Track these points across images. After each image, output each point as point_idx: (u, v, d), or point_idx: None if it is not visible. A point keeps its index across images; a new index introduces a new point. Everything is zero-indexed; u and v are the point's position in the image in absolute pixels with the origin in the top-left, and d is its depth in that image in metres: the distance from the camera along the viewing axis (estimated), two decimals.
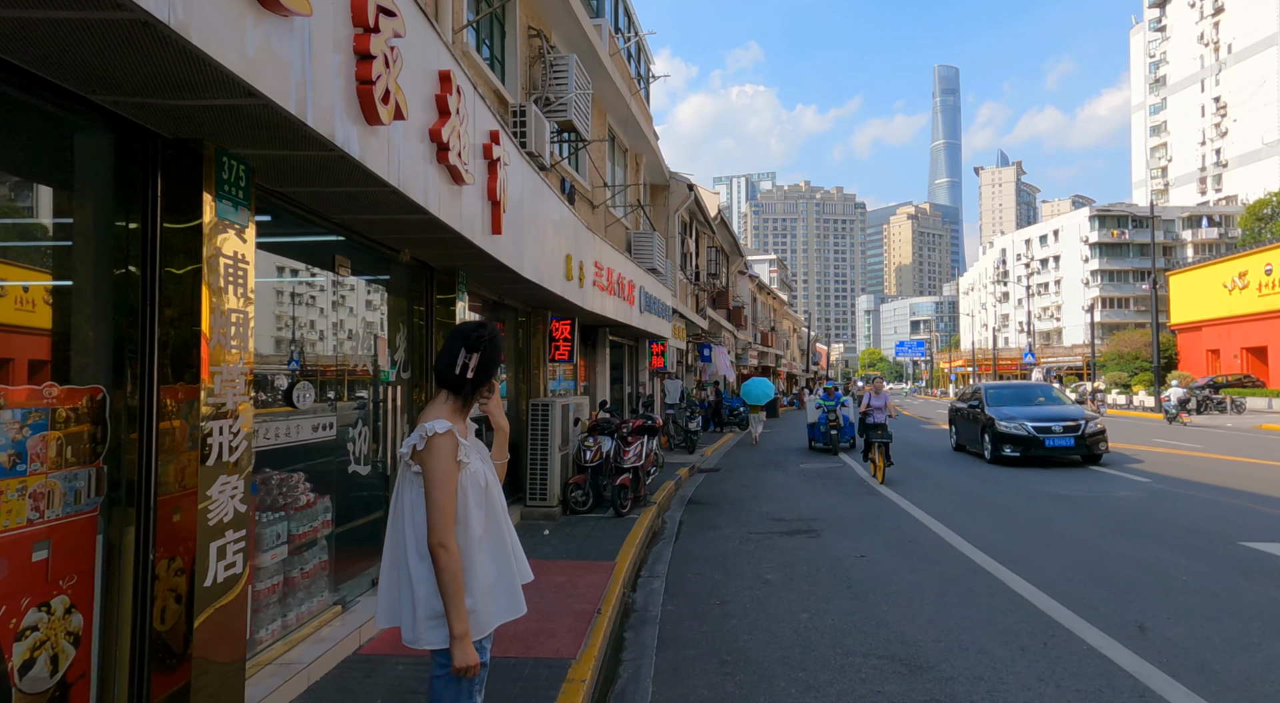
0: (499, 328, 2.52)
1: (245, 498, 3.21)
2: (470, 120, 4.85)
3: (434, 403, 2.43)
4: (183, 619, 2.96)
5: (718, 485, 12.35)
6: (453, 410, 2.39)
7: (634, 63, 16.22)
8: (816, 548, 7.53)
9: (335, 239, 4.85)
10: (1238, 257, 41.36)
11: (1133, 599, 5.58)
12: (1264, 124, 72.03)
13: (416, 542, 2.23)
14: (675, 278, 19.08)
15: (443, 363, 2.42)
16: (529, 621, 4.97)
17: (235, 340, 3.11)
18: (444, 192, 4.43)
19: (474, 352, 2.39)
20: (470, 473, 2.32)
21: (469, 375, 2.38)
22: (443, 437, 2.25)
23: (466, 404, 2.44)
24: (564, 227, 8.16)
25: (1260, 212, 53.59)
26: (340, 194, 3.87)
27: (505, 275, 6.71)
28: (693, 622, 5.34)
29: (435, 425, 2.26)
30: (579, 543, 7.43)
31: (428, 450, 2.24)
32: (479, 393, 2.45)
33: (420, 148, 4.02)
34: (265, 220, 4.06)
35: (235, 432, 3.12)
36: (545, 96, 9.36)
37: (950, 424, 17.84)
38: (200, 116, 2.74)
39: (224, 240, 3.04)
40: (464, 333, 2.43)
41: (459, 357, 2.37)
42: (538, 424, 8.82)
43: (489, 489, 2.38)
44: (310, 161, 3.30)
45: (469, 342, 2.39)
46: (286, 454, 4.20)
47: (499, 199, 5.48)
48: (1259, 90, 72.37)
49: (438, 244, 5.30)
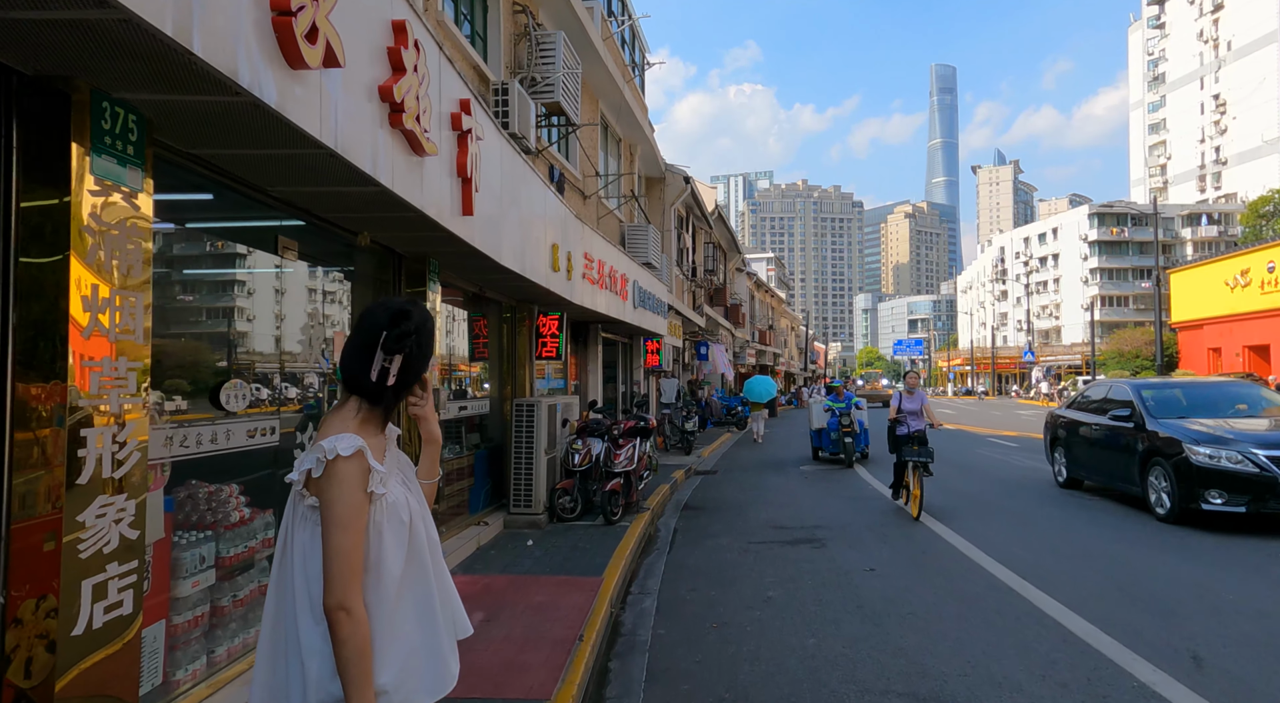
0: (428, 307, 1.87)
1: (140, 522, 2.63)
2: (434, 83, 4.27)
3: (340, 410, 1.79)
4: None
5: (715, 489, 11.79)
6: (365, 422, 1.76)
7: (628, 49, 15.63)
8: (822, 560, 6.96)
9: (280, 218, 4.27)
10: (1239, 254, 40.84)
11: (1180, 624, 5.01)
12: (1264, 121, 71.63)
13: (310, 600, 1.64)
14: (671, 274, 18.51)
15: (352, 364, 1.77)
16: (502, 651, 4.40)
17: (124, 329, 2.54)
18: (400, 162, 3.85)
19: (395, 354, 1.75)
20: (388, 505, 1.72)
21: (389, 382, 1.76)
22: (348, 461, 1.64)
23: (386, 415, 1.83)
24: (550, 214, 7.58)
25: (1262, 209, 53.11)
26: (268, 158, 3.29)
27: (482, 264, 6.13)
28: (687, 649, 4.77)
29: (338, 444, 1.65)
30: (564, 555, 6.85)
31: (327, 478, 1.63)
32: (401, 399, 1.84)
33: (367, 107, 3.44)
34: (196, 194, 3.49)
35: (121, 442, 2.54)
36: (531, 76, 8.78)
37: (1052, 444, 11.59)
38: (52, 41, 2.16)
39: (105, 206, 2.46)
40: (377, 324, 1.77)
41: (375, 360, 1.74)
42: (522, 426, 8.24)
43: (414, 524, 1.78)
44: (218, 112, 2.72)
45: (389, 342, 1.75)
46: (216, 464, 3.62)
47: (470, 176, 4.91)
48: (1259, 87, 71.95)
49: (400, 225, 4.72)
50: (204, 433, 3.48)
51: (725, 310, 29.80)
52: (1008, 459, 15.26)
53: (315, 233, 4.72)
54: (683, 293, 21.26)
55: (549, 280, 7.51)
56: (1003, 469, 13.67)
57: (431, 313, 1.87)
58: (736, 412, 24.60)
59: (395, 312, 1.78)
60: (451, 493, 7.38)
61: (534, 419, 8.24)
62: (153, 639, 3.14)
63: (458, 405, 7.63)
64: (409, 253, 5.76)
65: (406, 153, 3.93)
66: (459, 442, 7.82)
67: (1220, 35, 77.07)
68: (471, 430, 8.22)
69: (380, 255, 5.68)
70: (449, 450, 7.41)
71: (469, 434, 8.14)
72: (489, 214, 5.57)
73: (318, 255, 4.89)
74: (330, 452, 1.64)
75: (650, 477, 10.62)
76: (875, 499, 10.44)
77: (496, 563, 6.58)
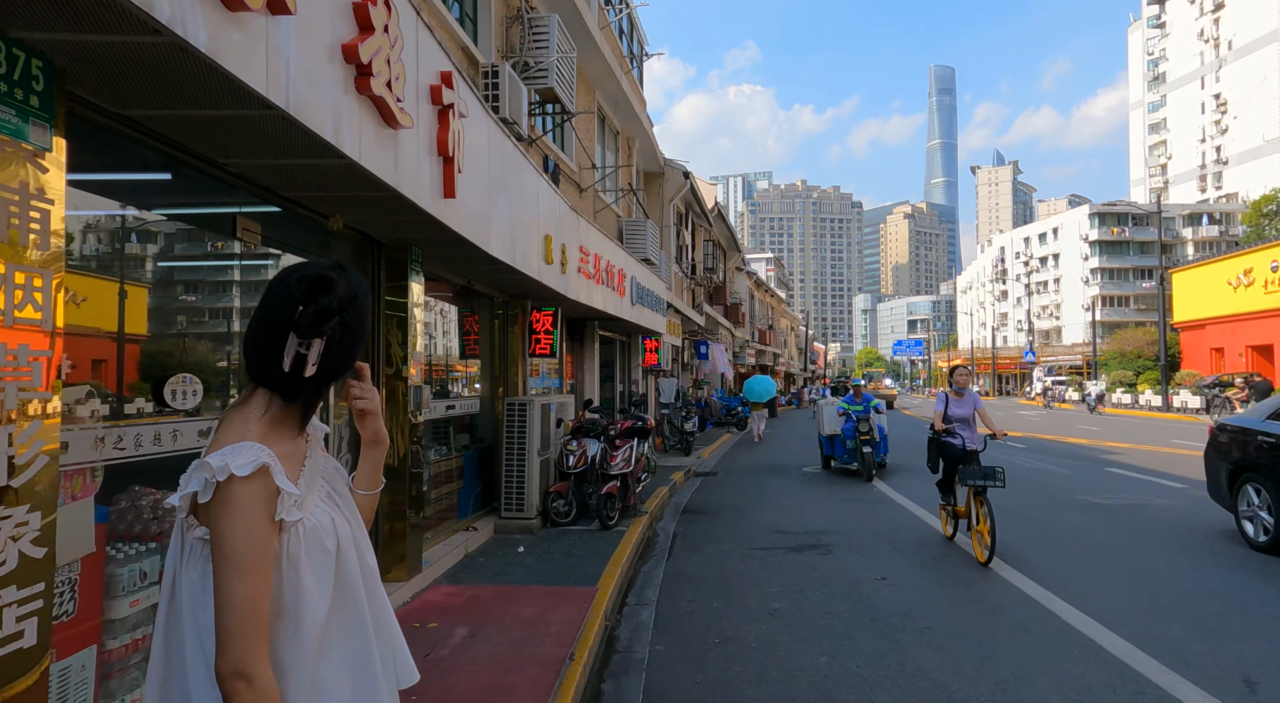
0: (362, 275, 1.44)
1: (48, 538, 2.25)
2: (409, 49, 3.90)
3: (242, 408, 1.35)
4: None
5: (715, 491, 11.40)
6: (275, 423, 1.35)
7: (625, 40, 15.25)
8: (829, 568, 6.58)
9: (243, 198, 3.89)
10: (1242, 253, 40.54)
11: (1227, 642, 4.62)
12: (1265, 121, 71.28)
13: (205, 657, 1.24)
14: (670, 271, 18.12)
15: (257, 350, 1.36)
16: (485, 674, 4.01)
17: (25, 312, 2.16)
18: (370, 133, 3.47)
19: (314, 337, 1.33)
20: (307, 532, 1.33)
21: (308, 370, 1.33)
22: (245, 483, 1.23)
23: (306, 412, 1.40)
24: (543, 204, 7.21)
25: (1265, 208, 52.80)
26: (213, 121, 2.91)
27: (470, 254, 5.75)
28: (687, 668, 4.39)
29: (231, 460, 1.23)
30: (557, 562, 6.47)
31: (218, 506, 1.23)
32: (327, 390, 1.43)
33: (328, 68, 3.06)
34: (150, 174, 3.10)
35: (25, 442, 2.16)
36: (524, 61, 8.39)
37: (1231, 475, 7.58)
38: None
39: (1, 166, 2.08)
40: (289, 296, 1.34)
41: (287, 345, 1.32)
42: (515, 426, 7.86)
43: (343, 552, 1.38)
44: (140, 59, 2.34)
45: (305, 321, 1.31)
46: (164, 468, 3.24)
47: (453, 156, 4.53)
48: (1260, 87, 71.63)
49: (374, 207, 4.34)
50: (145, 434, 3.10)
51: (725, 309, 29.41)
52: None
53: (283, 217, 4.34)
54: (682, 291, 20.89)
55: (542, 273, 7.13)
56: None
57: (362, 281, 1.45)
58: (736, 412, 24.25)
59: (314, 280, 1.36)
60: (440, 496, 7.00)
61: (527, 419, 7.86)
62: (79, 669, 2.76)
63: (445, 405, 7.25)
64: (388, 240, 5.38)
65: (377, 123, 3.55)
66: (447, 443, 7.44)
67: (1221, 34, 76.75)
68: (461, 431, 7.84)
69: (358, 243, 5.30)
70: (436, 452, 7.03)
71: (458, 435, 7.75)
72: (475, 200, 5.20)
73: (287, 242, 4.51)
74: (220, 470, 1.23)
75: (648, 479, 10.23)
76: (883, 503, 10.05)
77: (485, 571, 6.20)
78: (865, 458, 12.06)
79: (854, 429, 12.39)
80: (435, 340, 7.42)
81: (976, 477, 6.62)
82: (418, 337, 5.63)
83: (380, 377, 5.48)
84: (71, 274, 2.79)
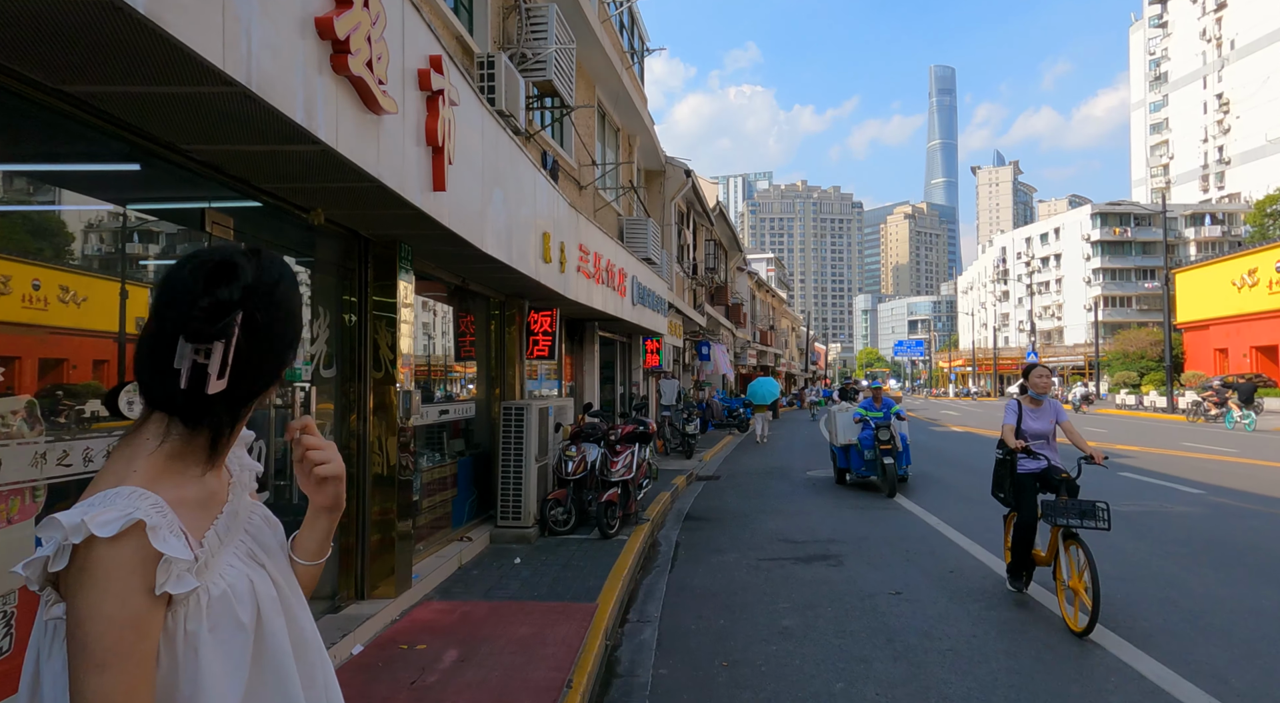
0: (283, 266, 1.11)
1: None
2: (395, 29, 3.60)
3: (132, 440, 1.04)
4: None
5: (718, 496, 11.11)
6: (170, 459, 1.03)
7: (626, 35, 14.96)
8: (841, 581, 6.28)
9: (215, 191, 3.59)
10: (1247, 254, 40.26)
11: None
12: (1267, 120, 70.98)
13: None
14: (671, 271, 17.83)
15: (143, 362, 1.04)
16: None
17: None
18: (349, 117, 3.18)
19: (215, 340, 1.00)
20: (213, 602, 1.01)
21: (211, 385, 1.00)
22: (108, 548, 0.91)
23: (216, 443, 1.06)
24: (541, 200, 6.91)
25: (1269, 208, 52.49)
26: (167, 100, 2.61)
27: (463, 252, 5.46)
28: (693, 694, 4.09)
29: (88, 515, 0.91)
30: (554, 574, 6.18)
31: (75, 575, 0.92)
32: (248, 412, 1.11)
33: (299, 43, 2.77)
34: (119, 165, 2.81)
35: None
36: (521, 53, 8.10)
37: None
38: None
39: None
40: (181, 290, 1.01)
41: (179, 353, 1.00)
42: (511, 431, 7.56)
43: (266, 625, 1.07)
44: (70, 25, 2.04)
45: (200, 319, 0.99)
46: None
47: (443, 145, 4.23)
48: (1263, 86, 71.32)
49: (357, 200, 4.04)
50: (97, 447, 2.80)
51: (726, 310, 29.13)
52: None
53: (262, 212, 4.05)
54: (683, 291, 20.60)
55: (540, 272, 6.84)
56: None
57: (285, 267, 1.12)
58: (738, 413, 23.99)
59: (213, 266, 1.03)
60: (432, 505, 6.70)
61: (524, 423, 7.57)
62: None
63: (439, 409, 6.96)
64: (375, 236, 5.09)
65: (357, 107, 3.25)
66: (441, 448, 7.14)
67: (1223, 34, 76.44)
68: (456, 436, 7.55)
69: (344, 240, 5.01)
70: (428, 458, 6.74)
71: (453, 440, 7.46)
72: (468, 194, 4.90)
73: (266, 239, 4.22)
74: (75, 530, 0.91)
75: (650, 485, 9.93)
76: (895, 510, 9.75)
77: (479, 586, 5.90)
78: (887, 470, 10.57)
79: (873, 438, 10.95)
80: (429, 342, 7.13)
81: (1069, 513, 4.93)
82: (408, 338, 5.34)
83: (368, 380, 5.18)
84: (70, 273, 2.50)
